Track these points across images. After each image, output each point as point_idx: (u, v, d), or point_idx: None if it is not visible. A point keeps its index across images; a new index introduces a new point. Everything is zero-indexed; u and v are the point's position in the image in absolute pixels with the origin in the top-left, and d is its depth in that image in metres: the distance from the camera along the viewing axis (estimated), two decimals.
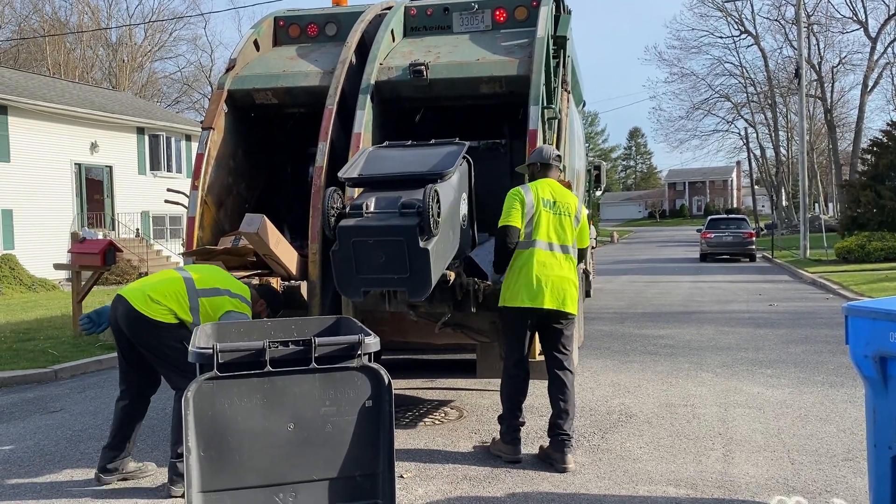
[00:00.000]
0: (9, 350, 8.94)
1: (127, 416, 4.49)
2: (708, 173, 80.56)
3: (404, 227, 4.07)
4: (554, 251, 4.69)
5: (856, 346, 3.43)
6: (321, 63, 6.21)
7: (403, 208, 4.14)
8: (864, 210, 24.93)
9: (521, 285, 4.61)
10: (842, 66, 40.65)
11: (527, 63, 5.72)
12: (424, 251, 4.06)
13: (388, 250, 4.11)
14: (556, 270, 4.66)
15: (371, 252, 4.13)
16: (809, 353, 8.27)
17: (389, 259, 4.12)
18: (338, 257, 4.23)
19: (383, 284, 4.29)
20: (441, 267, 4.40)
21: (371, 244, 4.12)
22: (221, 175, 5.98)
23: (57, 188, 21.44)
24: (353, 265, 4.19)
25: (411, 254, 4.07)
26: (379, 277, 4.21)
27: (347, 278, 4.27)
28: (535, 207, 4.69)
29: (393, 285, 4.27)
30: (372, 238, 4.12)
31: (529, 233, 4.67)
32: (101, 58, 44.91)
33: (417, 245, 4.06)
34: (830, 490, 4.17)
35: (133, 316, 4.19)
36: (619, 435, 5.30)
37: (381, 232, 4.12)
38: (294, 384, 3.00)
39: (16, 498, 4.33)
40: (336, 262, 4.26)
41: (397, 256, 4.10)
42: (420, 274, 4.11)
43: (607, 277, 19.52)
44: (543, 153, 4.97)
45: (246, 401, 2.95)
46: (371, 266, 4.16)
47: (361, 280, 4.24)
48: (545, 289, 4.60)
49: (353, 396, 3.05)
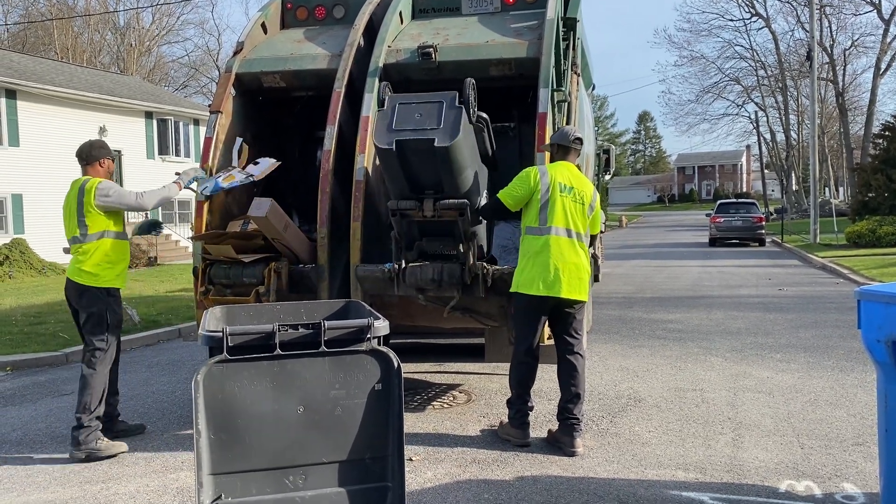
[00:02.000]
0: (20, 333, 9.01)
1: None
2: (717, 157, 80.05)
3: (445, 94, 4.57)
4: (571, 238, 4.65)
5: (868, 330, 3.40)
6: (329, 46, 6.17)
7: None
8: (876, 194, 24.72)
9: (536, 272, 4.56)
10: (854, 49, 40.18)
11: (536, 45, 5.66)
12: (459, 108, 4.47)
13: (427, 109, 4.55)
14: (572, 258, 4.63)
15: (411, 111, 4.56)
16: (819, 338, 8.24)
17: (426, 114, 4.52)
18: (381, 116, 4.65)
19: (415, 134, 4.51)
20: (467, 155, 4.60)
21: (413, 105, 4.58)
22: (230, 159, 5.96)
23: (66, 173, 21.25)
24: (393, 121, 4.53)
25: (446, 112, 4.48)
26: (413, 129, 4.51)
27: (384, 131, 4.58)
28: (551, 191, 4.63)
29: (423, 134, 4.48)
30: (415, 101, 4.60)
31: (545, 218, 4.62)
32: (108, 42, 44.88)
33: (454, 105, 4.49)
34: (840, 475, 4.16)
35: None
36: (627, 419, 5.30)
37: (424, 97, 4.64)
38: (304, 367, 3.00)
39: (28, 479, 4.37)
40: (378, 120, 4.66)
41: (435, 113, 4.51)
42: (451, 128, 4.44)
43: (616, 262, 19.48)
44: (564, 134, 4.91)
45: (256, 384, 2.95)
46: (408, 121, 4.53)
47: (396, 132, 4.50)
48: (562, 277, 4.56)
49: (362, 380, 3.05)
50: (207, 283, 5.25)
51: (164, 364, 7.74)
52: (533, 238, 4.63)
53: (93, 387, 4.73)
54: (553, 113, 5.56)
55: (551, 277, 4.55)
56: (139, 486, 4.21)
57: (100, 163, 5.13)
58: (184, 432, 5.18)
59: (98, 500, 4.03)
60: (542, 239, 4.61)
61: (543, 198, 4.62)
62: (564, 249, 4.61)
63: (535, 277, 4.56)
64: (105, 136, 22.79)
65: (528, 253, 4.63)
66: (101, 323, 4.86)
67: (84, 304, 4.92)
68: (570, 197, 4.67)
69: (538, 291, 4.56)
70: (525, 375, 4.75)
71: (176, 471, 4.44)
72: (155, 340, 9.16)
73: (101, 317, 4.86)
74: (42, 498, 4.08)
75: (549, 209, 4.61)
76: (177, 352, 8.47)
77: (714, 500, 3.84)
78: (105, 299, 4.90)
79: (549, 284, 4.55)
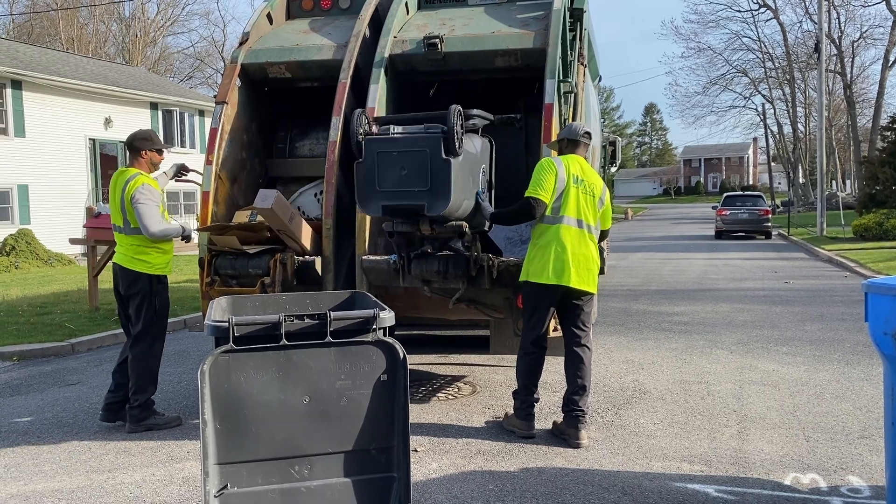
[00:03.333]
0: (26, 324, 9.04)
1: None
2: (724, 150, 79.75)
3: (429, 137, 4.24)
4: (581, 228, 4.65)
5: (875, 323, 3.39)
6: (334, 36, 6.15)
7: (428, 126, 4.33)
8: (883, 187, 24.60)
9: (547, 261, 4.56)
10: (863, 41, 39.92)
11: (543, 36, 5.64)
12: (447, 162, 4.19)
13: (410, 163, 4.24)
14: (582, 248, 4.63)
15: (394, 164, 4.26)
16: (825, 331, 8.21)
17: (412, 171, 4.24)
18: (361, 170, 4.37)
19: (402, 199, 4.33)
20: (460, 196, 4.40)
21: (395, 156, 4.25)
22: (235, 150, 5.96)
23: (72, 163, 21.53)
24: (376, 178, 4.31)
25: (433, 166, 4.19)
26: (399, 191, 4.30)
27: (368, 193, 4.39)
28: (566, 182, 4.62)
29: (412, 199, 4.30)
30: (396, 150, 4.26)
31: (558, 208, 4.60)
32: (113, 33, 44.89)
33: (440, 156, 4.19)
34: (846, 468, 4.15)
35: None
36: (632, 411, 5.30)
37: (405, 143, 4.28)
38: (309, 358, 3.00)
39: (35, 469, 4.40)
40: (359, 175, 4.39)
41: (419, 169, 4.22)
42: (440, 187, 4.21)
43: (621, 254, 19.44)
44: (573, 129, 4.90)
45: (261, 374, 2.96)
46: (393, 180, 4.28)
47: (382, 194, 4.34)
48: (572, 266, 4.56)
49: (367, 370, 3.05)
50: (213, 273, 5.26)
51: (169, 354, 7.75)
52: (545, 227, 4.62)
53: (143, 368, 5.02)
54: (559, 104, 5.54)
55: (561, 266, 4.54)
56: (145, 475, 4.23)
57: (142, 154, 5.19)
58: (190, 422, 5.20)
59: (104, 489, 4.05)
60: (553, 228, 4.60)
61: (560, 188, 4.60)
62: (575, 239, 4.61)
63: (545, 266, 4.55)
64: (110, 128, 22.85)
65: (540, 242, 4.62)
66: (149, 308, 5.04)
67: (133, 290, 5.07)
68: (581, 188, 4.67)
69: (548, 280, 4.55)
70: (532, 366, 4.74)
71: (182, 460, 4.46)
72: None
73: (151, 302, 5.05)
74: (48, 487, 4.10)
75: (563, 199, 4.60)
76: (182, 342, 8.49)
77: (719, 492, 3.84)
78: (154, 286, 5.07)
79: (559, 273, 4.54)
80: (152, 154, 5.20)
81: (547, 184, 4.57)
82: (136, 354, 5.04)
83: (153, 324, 5.07)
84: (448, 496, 3.84)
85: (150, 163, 5.21)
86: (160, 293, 5.12)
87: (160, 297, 5.12)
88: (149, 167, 5.20)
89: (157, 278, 5.10)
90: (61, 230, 18.60)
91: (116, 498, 3.92)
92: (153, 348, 5.09)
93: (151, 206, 4.99)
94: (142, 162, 5.17)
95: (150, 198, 5.00)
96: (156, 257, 5.08)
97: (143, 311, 5.05)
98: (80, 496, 3.96)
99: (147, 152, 5.18)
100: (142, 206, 4.96)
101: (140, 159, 5.18)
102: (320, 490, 3.04)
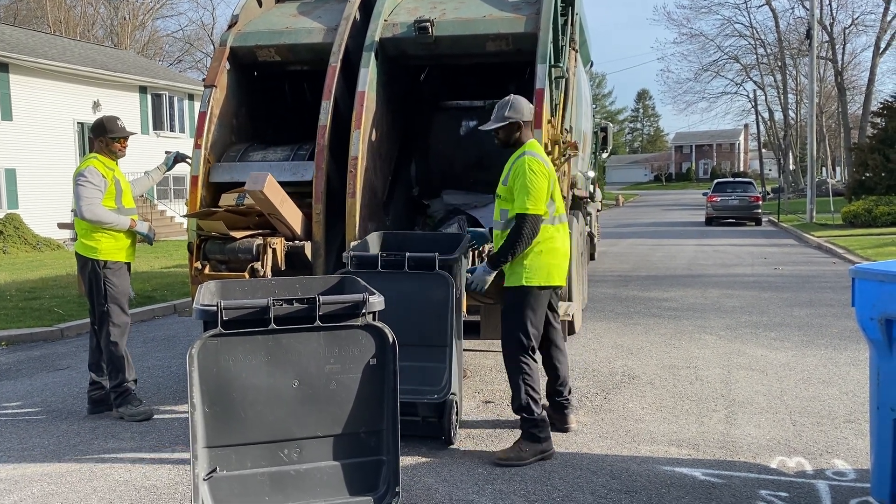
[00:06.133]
0: (15, 309, 9.00)
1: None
2: (715, 136, 79.86)
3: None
4: (565, 222, 4.41)
5: (862, 308, 3.41)
6: (325, 19, 6.10)
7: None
8: (873, 174, 24.71)
9: (552, 263, 4.20)
10: (854, 28, 39.94)
11: (534, 20, 5.61)
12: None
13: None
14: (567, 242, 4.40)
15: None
16: (813, 317, 8.27)
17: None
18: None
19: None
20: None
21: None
22: (224, 134, 5.92)
23: (60, 147, 21.34)
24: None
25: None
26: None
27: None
28: (554, 178, 4.26)
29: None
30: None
31: (553, 207, 4.25)
32: (101, 15, 44.39)
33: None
34: (831, 451, 4.20)
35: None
36: (621, 396, 5.33)
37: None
38: (298, 342, 3.00)
39: (24, 453, 4.39)
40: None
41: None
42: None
43: (612, 240, 19.48)
44: (529, 108, 4.30)
45: (250, 358, 2.96)
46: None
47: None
48: (567, 264, 4.36)
49: (357, 354, 3.05)
50: (202, 258, 5.25)
51: (159, 339, 7.75)
52: (543, 227, 4.16)
53: (109, 353, 4.95)
54: (550, 89, 5.53)
55: (563, 266, 4.29)
56: (134, 459, 4.23)
57: (98, 142, 5.12)
58: (179, 406, 5.20)
59: (94, 472, 4.05)
60: (552, 228, 4.21)
61: (551, 186, 4.20)
62: (566, 235, 4.37)
63: (551, 268, 4.20)
64: (99, 112, 22.62)
65: (538, 244, 4.14)
66: (99, 294, 4.96)
67: (83, 275, 5.04)
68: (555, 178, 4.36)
69: (554, 282, 4.23)
70: (536, 375, 4.20)
71: (172, 444, 4.46)
72: (150, 316, 9.16)
73: (100, 288, 4.95)
74: (38, 471, 4.09)
75: (555, 197, 4.26)
76: (172, 327, 8.47)
77: (706, 475, 3.87)
78: (101, 271, 4.95)
79: (562, 273, 4.29)
80: (109, 142, 5.08)
81: (545, 194, 4.11)
82: (103, 341, 4.98)
83: (105, 311, 4.94)
84: (437, 479, 3.86)
85: (108, 150, 5.11)
86: (109, 279, 4.96)
87: (110, 283, 4.95)
88: (108, 154, 5.10)
89: (105, 263, 4.96)
90: (49, 215, 18.49)
91: (106, 482, 3.92)
92: (112, 335, 4.94)
93: (89, 188, 4.89)
94: (101, 149, 5.09)
95: (90, 181, 4.90)
96: (104, 242, 4.96)
97: (94, 297, 4.98)
98: (70, 480, 3.96)
99: (101, 140, 5.09)
100: (79, 187, 4.90)
101: (97, 145, 5.11)
102: (309, 473, 3.05)
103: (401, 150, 6.62)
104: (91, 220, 4.91)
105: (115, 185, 5.05)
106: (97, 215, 4.91)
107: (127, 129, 5.21)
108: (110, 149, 5.12)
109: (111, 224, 4.97)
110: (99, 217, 4.92)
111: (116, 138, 5.12)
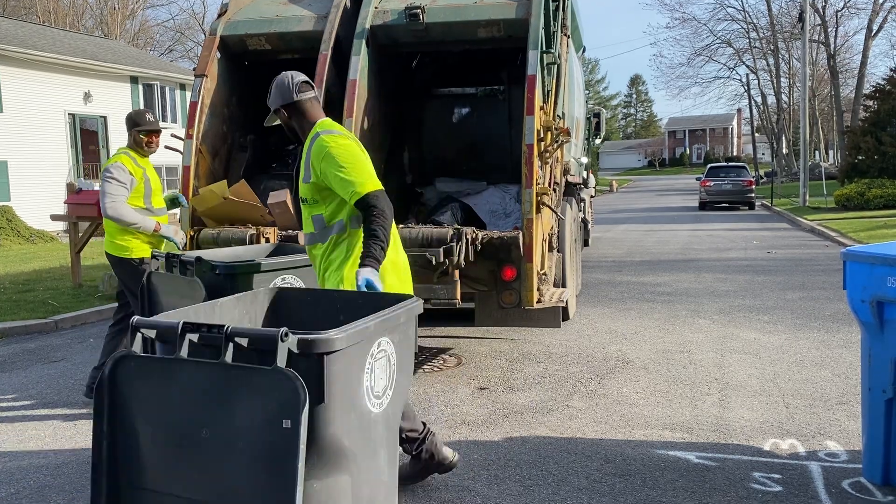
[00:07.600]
0: (9, 301, 8.97)
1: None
2: (708, 121, 79.87)
3: None
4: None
5: (853, 290, 3.43)
6: (315, 7, 6.07)
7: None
8: (865, 157, 24.76)
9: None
10: (846, 10, 39.82)
11: (526, 5, 5.59)
12: None
13: None
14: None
15: None
16: (806, 300, 8.31)
17: None
18: None
19: None
20: None
21: None
22: (216, 123, 5.91)
23: (52, 139, 21.20)
24: None
25: None
26: None
27: None
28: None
29: None
30: None
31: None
32: (91, 5, 43.99)
33: None
34: (824, 433, 4.23)
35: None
36: (615, 380, 5.36)
37: None
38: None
39: (20, 446, 4.39)
40: None
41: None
42: None
43: (605, 226, 19.51)
44: (283, 85, 3.57)
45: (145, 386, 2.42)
46: None
47: None
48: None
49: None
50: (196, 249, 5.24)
51: None
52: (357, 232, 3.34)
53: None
54: (542, 75, 5.52)
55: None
56: None
57: (129, 134, 5.03)
58: None
59: (90, 464, 4.05)
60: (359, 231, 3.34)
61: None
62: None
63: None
64: (90, 102, 22.50)
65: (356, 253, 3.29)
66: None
67: (124, 274, 4.96)
68: None
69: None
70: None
71: None
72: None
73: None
74: (34, 463, 4.10)
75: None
76: None
77: (700, 458, 3.90)
78: (139, 268, 4.85)
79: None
80: (136, 135, 5.00)
81: (370, 166, 3.33)
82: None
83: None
84: None
85: (135, 143, 5.02)
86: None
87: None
88: (138, 149, 5.01)
89: (142, 260, 4.89)
90: (42, 206, 18.39)
91: None
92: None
93: (113, 185, 4.80)
94: (132, 143, 5.02)
95: (115, 177, 4.82)
96: (133, 242, 4.90)
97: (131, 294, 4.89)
98: (66, 472, 3.97)
99: (131, 134, 5.01)
100: (104, 183, 4.83)
101: (130, 141, 5.03)
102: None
103: (393, 139, 6.61)
104: (113, 218, 4.83)
105: (144, 184, 4.94)
106: (120, 213, 4.81)
107: (157, 124, 5.07)
108: (137, 142, 5.01)
109: (134, 224, 4.85)
110: (121, 215, 4.81)
111: (143, 131, 4.98)
